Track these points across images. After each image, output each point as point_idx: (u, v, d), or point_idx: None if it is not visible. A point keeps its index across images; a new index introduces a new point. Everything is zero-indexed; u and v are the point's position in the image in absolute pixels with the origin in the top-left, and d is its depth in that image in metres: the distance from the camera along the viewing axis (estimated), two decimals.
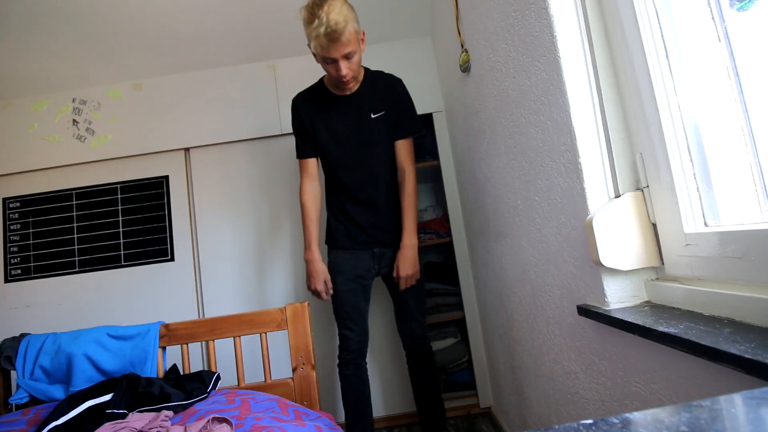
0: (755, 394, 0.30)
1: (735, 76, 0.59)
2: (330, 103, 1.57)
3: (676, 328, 0.58)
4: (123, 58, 2.15)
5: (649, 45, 0.70)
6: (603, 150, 0.79)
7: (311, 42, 1.36)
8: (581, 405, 0.93)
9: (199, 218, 2.21)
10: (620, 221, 0.75)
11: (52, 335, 1.49)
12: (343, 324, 1.61)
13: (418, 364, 1.63)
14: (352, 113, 1.55)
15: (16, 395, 1.41)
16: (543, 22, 0.86)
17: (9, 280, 2.18)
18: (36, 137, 2.24)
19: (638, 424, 0.28)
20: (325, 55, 1.36)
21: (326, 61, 1.40)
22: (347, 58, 1.38)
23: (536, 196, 1.03)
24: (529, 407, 1.33)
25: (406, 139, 1.60)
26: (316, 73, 2.23)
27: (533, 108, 0.97)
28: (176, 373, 1.43)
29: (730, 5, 0.59)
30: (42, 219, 2.21)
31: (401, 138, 1.60)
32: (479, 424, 1.97)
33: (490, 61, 1.25)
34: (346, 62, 1.38)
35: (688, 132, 0.68)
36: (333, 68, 1.41)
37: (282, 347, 2.05)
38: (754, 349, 0.46)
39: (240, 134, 2.23)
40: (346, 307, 1.59)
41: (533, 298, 1.15)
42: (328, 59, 1.38)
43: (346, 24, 1.31)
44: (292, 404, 1.25)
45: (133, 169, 2.24)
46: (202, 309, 2.15)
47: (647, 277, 0.76)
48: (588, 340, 0.86)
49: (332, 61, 1.38)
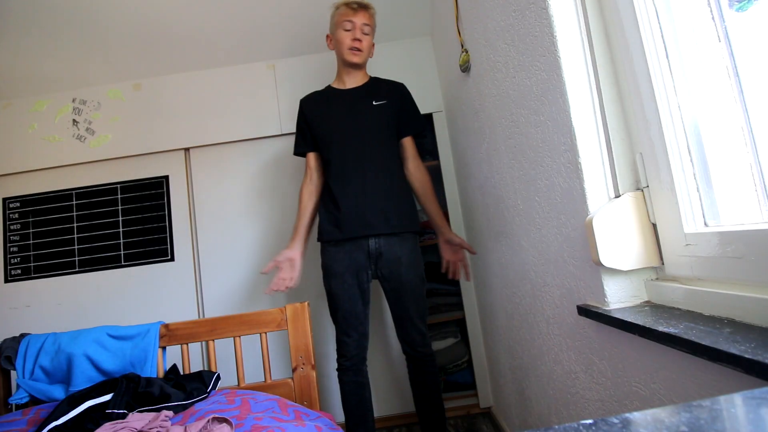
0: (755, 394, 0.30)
1: (735, 76, 0.59)
2: (334, 96, 1.65)
3: (676, 328, 0.58)
4: (123, 58, 2.15)
5: (649, 45, 0.70)
6: (603, 150, 0.79)
7: (338, 9, 1.60)
8: (581, 405, 0.93)
9: (199, 218, 2.21)
10: (620, 221, 0.75)
11: (52, 335, 1.49)
12: (340, 329, 1.55)
13: (418, 371, 1.58)
14: (354, 101, 1.63)
15: (16, 395, 1.41)
16: (543, 22, 0.86)
17: (9, 280, 2.18)
18: (36, 137, 2.24)
19: (638, 424, 0.28)
20: (349, 17, 1.58)
21: (345, 27, 1.58)
22: (364, 32, 1.59)
23: (536, 196, 1.03)
24: (529, 407, 1.33)
25: (410, 137, 1.67)
26: (316, 73, 2.23)
27: (533, 108, 0.97)
28: (176, 373, 1.43)
29: (729, 5, 0.59)
30: (42, 219, 2.21)
31: (409, 134, 1.66)
32: (479, 424, 1.97)
33: (490, 61, 1.25)
34: (361, 33, 1.59)
35: (688, 132, 0.68)
36: (350, 34, 1.58)
37: (282, 347, 2.06)
38: (754, 349, 0.46)
39: (240, 134, 2.23)
40: (343, 312, 1.53)
41: (533, 298, 1.15)
42: (350, 23, 1.58)
43: (372, 6, 1.63)
44: (292, 404, 1.25)
45: (133, 169, 2.24)
46: (202, 309, 2.15)
47: (647, 277, 0.76)
48: (588, 340, 0.86)
49: (351, 27, 1.58)
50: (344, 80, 1.66)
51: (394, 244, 1.53)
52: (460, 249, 1.66)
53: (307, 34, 2.13)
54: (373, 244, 1.53)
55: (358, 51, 1.59)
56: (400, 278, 1.53)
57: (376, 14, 1.64)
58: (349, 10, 1.58)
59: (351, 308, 1.53)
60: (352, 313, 1.53)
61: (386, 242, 1.53)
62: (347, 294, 1.53)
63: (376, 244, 1.53)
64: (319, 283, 2.09)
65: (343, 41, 1.59)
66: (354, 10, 1.58)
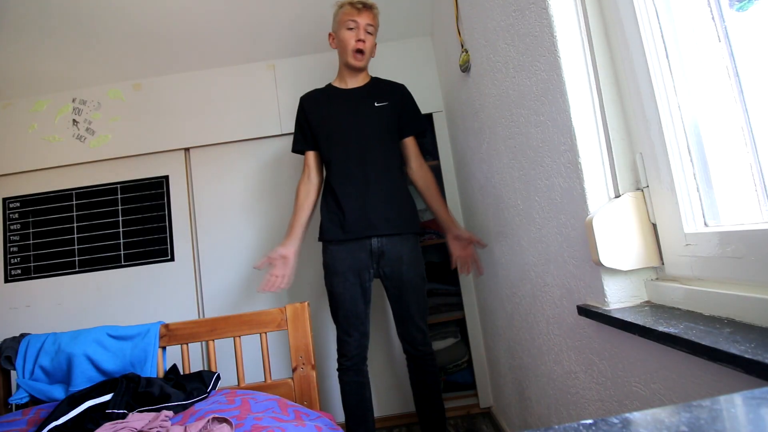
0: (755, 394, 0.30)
1: (735, 76, 0.59)
2: (336, 96, 1.65)
3: (676, 328, 0.58)
4: (123, 58, 2.15)
5: (649, 45, 0.70)
6: (603, 150, 0.79)
7: (341, 8, 1.59)
8: (581, 405, 0.93)
9: (199, 218, 2.21)
10: (620, 221, 0.75)
11: (52, 335, 1.49)
12: (341, 328, 1.55)
13: (419, 371, 1.58)
14: (356, 102, 1.62)
15: (16, 395, 1.41)
16: (543, 22, 0.86)
17: (9, 280, 2.18)
18: (36, 137, 2.24)
19: (638, 424, 0.28)
20: (353, 17, 1.57)
21: (349, 27, 1.58)
22: (367, 32, 1.59)
23: (536, 196, 1.03)
24: (529, 407, 1.33)
25: (413, 137, 1.67)
26: (316, 73, 2.23)
27: (533, 108, 0.97)
28: (176, 373, 1.43)
29: (729, 5, 0.59)
30: (42, 219, 2.21)
31: (410, 134, 1.67)
32: (479, 424, 1.97)
33: (490, 61, 1.25)
34: (364, 33, 1.58)
35: (688, 132, 0.68)
36: (353, 35, 1.58)
37: (282, 347, 2.06)
38: (754, 349, 0.46)
39: (240, 134, 2.23)
40: (344, 311, 1.53)
41: (533, 298, 1.15)
42: (353, 23, 1.57)
43: (376, 6, 1.62)
44: (292, 404, 1.25)
45: (133, 169, 2.24)
46: (202, 309, 2.15)
47: (647, 277, 0.76)
48: (588, 340, 0.86)
49: (355, 26, 1.57)
50: (346, 80, 1.66)
51: (396, 243, 1.54)
52: (469, 244, 1.65)
53: (307, 34, 2.13)
54: (375, 243, 1.53)
55: (362, 54, 1.59)
56: (401, 277, 1.54)
57: (379, 14, 1.64)
58: (353, 9, 1.58)
59: (352, 308, 1.53)
60: (353, 313, 1.53)
61: (389, 241, 1.54)
62: (349, 293, 1.53)
63: (379, 243, 1.53)
64: (319, 283, 2.10)
65: (347, 41, 1.58)
66: (358, 10, 1.57)
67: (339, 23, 1.61)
